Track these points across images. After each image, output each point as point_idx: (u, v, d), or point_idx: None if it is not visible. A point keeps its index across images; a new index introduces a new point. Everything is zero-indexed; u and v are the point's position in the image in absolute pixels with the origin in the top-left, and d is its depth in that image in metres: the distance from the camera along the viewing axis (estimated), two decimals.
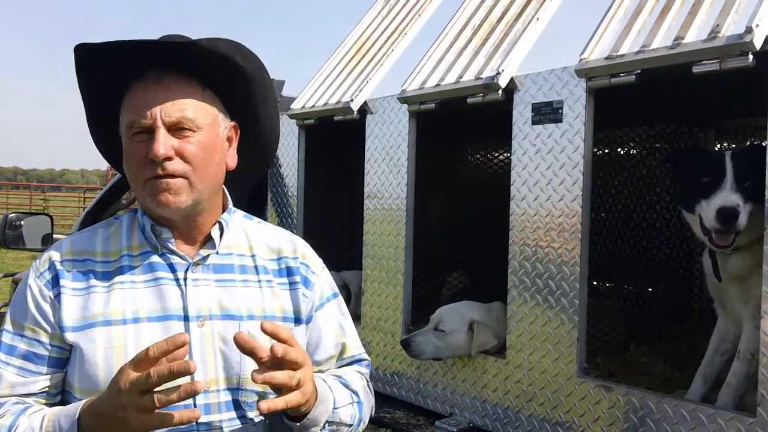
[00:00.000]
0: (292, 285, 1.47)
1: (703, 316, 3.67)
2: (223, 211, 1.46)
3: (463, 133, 3.96)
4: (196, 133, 1.32)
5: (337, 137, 3.35)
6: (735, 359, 2.22)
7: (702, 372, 2.39)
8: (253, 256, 1.46)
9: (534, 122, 2.34)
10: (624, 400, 2.10)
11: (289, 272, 1.47)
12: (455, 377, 2.66)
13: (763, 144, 1.92)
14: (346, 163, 3.42)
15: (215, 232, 1.41)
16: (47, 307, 1.33)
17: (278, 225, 2.82)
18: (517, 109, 2.40)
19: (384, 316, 2.92)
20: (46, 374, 1.33)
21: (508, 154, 2.55)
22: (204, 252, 1.40)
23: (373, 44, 3.30)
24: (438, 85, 2.64)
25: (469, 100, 2.51)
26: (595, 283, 3.43)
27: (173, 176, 1.30)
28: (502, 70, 2.39)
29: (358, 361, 1.58)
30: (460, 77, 2.57)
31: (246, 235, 1.48)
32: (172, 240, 1.38)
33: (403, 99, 2.76)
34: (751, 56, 1.80)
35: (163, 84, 1.32)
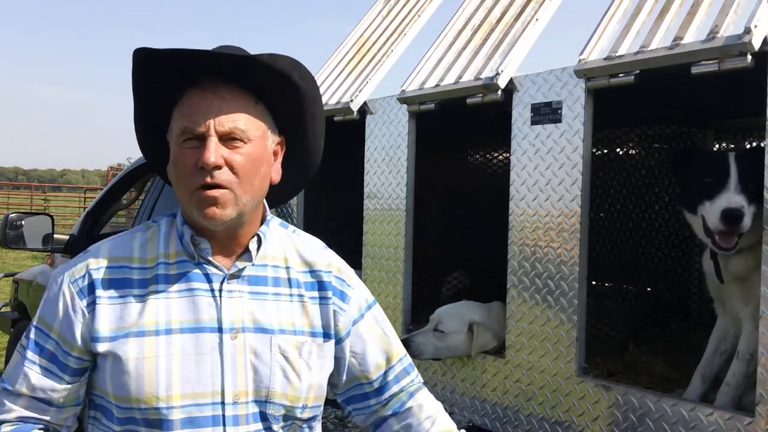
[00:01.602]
0: (323, 300, 1.46)
1: (702, 315, 3.68)
2: (262, 222, 1.46)
3: (462, 133, 3.97)
4: (246, 145, 1.33)
5: (336, 137, 3.34)
6: (734, 359, 2.22)
7: (701, 371, 2.39)
8: (287, 268, 1.45)
9: (533, 122, 2.34)
10: (623, 400, 2.11)
11: (321, 286, 1.47)
12: (454, 376, 2.67)
13: (763, 145, 1.93)
14: (345, 163, 3.42)
15: (253, 245, 1.41)
16: (75, 319, 1.33)
17: None
18: (516, 109, 2.40)
19: None
20: (67, 382, 1.34)
21: (508, 155, 2.55)
22: (240, 264, 1.40)
23: (373, 44, 3.30)
24: (437, 85, 2.65)
25: (469, 101, 2.52)
26: (594, 282, 3.43)
27: (220, 187, 1.30)
28: (502, 71, 2.40)
29: (407, 371, 1.58)
30: (460, 78, 2.57)
31: (281, 245, 1.48)
32: (210, 250, 1.38)
33: (403, 99, 2.77)
34: (749, 57, 1.80)
35: (219, 94, 1.32)
